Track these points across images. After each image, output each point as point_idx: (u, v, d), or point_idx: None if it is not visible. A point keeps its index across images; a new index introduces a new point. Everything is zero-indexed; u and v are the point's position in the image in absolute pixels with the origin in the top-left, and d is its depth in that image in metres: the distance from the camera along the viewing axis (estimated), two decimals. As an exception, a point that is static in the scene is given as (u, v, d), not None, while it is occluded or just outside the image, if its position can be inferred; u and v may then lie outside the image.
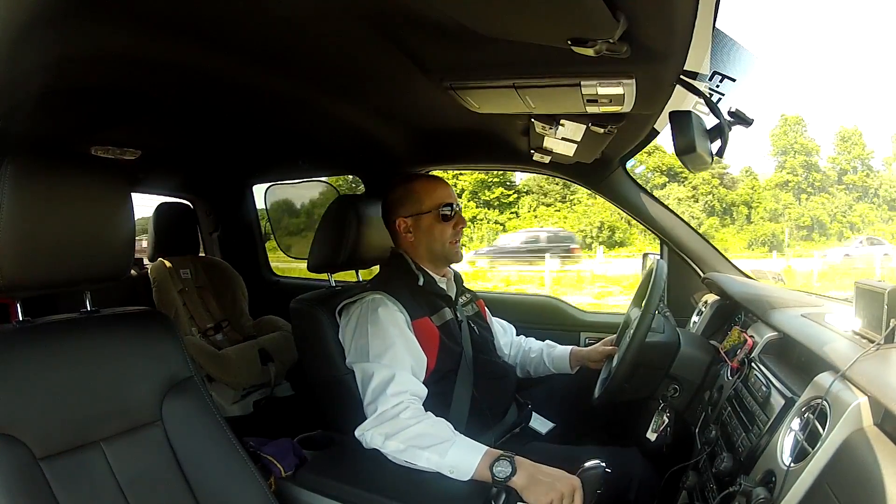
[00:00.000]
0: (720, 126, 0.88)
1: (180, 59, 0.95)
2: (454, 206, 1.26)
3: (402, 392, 1.04)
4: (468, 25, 0.73)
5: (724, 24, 0.74)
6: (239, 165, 2.26)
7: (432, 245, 1.26)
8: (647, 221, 1.64)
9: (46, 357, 0.78)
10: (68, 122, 1.32)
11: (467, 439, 0.99)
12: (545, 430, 1.34)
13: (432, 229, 1.25)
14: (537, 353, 1.50)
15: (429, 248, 1.26)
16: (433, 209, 1.25)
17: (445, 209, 1.25)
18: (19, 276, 0.74)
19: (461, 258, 1.30)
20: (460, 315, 1.29)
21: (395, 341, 1.10)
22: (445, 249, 1.26)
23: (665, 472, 1.07)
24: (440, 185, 1.29)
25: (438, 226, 1.25)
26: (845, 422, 0.64)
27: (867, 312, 0.81)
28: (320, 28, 0.85)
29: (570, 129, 1.15)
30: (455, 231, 1.26)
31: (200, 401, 0.91)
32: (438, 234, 1.25)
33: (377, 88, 1.18)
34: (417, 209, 1.26)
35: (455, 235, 1.26)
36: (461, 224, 1.27)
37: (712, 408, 1.06)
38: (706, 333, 1.40)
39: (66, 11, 0.69)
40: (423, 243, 1.26)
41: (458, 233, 1.27)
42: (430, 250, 1.26)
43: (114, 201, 0.84)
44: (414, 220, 1.26)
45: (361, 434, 1.03)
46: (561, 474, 0.91)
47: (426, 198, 1.26)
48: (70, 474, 0.75)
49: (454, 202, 1.27)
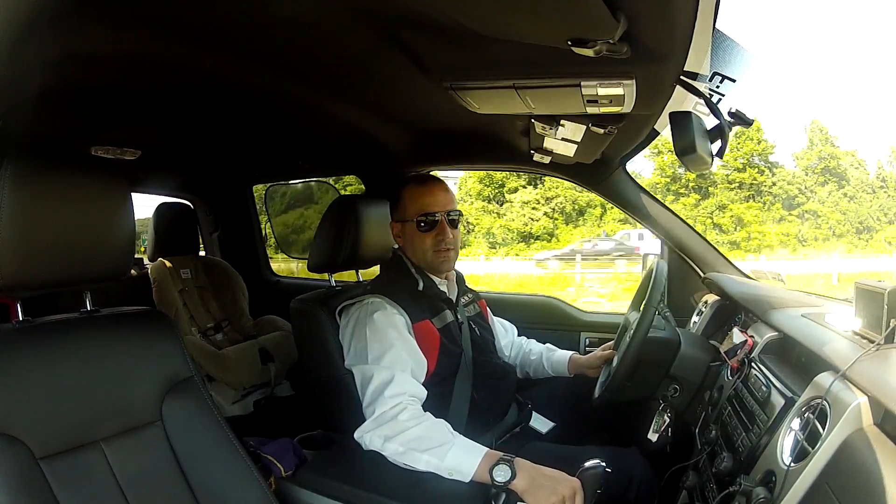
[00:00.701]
0: (720, 126, 0.88)
1: (181, 59, 0.95)
2: (437, 214, 1.21)
3: (400, 394, 1.04)
4: (468, 25, 0.73)
5: (725, 25, 0.74)
6: (239, 165, 2.26)
7: (415, 253, 1.24)
8: (648, 221, 1.64)
9: (46, 357, 0.78)
10: (68, 122, 1.32)
11: (466, 441, 0.99)
12: (545, 430, 1.34)
13: (413, 238, 1.23)
14: (537, 356, 1.50)
15: (413, 255, 1.25)
16: (413, 218, 1.22)
17: (423, 218, 1.20)
18: (19, 276, 0.74)
19: (449, 269, 1.26)
20: (461, 317, 1.29)
21: (395, 343, 1.09)
22: (427, 259, 1.23)
23: (665, 472, 1.07)
24: (425, 191, 1.23)
25: (418, 235, 1.22)
26: (845, 422, 0.64)
27: (867, 312, 0.81)
28: (320, 28, 0.85)
29: (570, 129, 1.15)
30: (437, 241, 1.21)
31: (200, 401, 0.90)
32: (419, 243, 1.22)
33: (377, 88, 1.18)
34: (402, 216, 1.25)
35: (437, 245, 1.21)
36: (441, 235, 1.21)
37: (712, 408, 1.06)
38: (706, 333, 1.40)
39: (66, 11, 0.69)
40: (408, 249, 1.26)
41: (440, 243, 1.21)
42: (414, 257, 1.25)
43: (114, 201, 0.84)
44: (401, 226, 1.26)
45: (361, 436, 1.03)
46: (562, 477, 0.91)
47: (409, 205, 1.23)
48: (70, 474, 0.74)
49: (438, 210, 1.21)
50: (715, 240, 11.65)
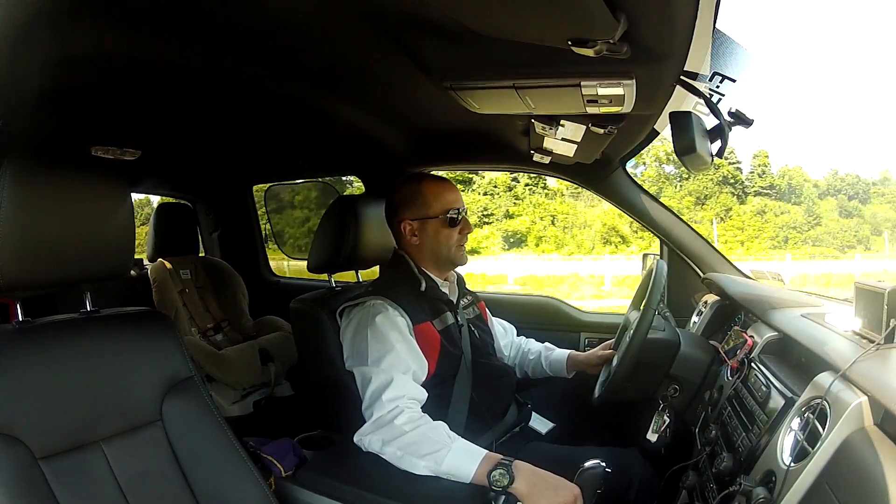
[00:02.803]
0: (720, 126, 0.88)
1: (181, 60, 0.95)
2: (461, 210, 1.26)
3: (398, 397, 1.03)
4: (468, 25, 0.73)
5: (725, 25, 0.74)
6: (239, 165, 2.26)
7: (438, 249, 1.25)
8: (648, 222, 1.64)
9: (46, 357, 0.78)
10: (68, 122, 1.32)
11: (464, 444, 0.98)
12: (545, 430, 1.34)
13: (439, 234, 1.24)
14: (535, 356, 1.50)
15: (434, 252, 1.25)
16: (441, 214, 1.23)
17: (453, 214, 1.24)
18: (19, 276, 0.74)
19: (466, 261, 1.30)
20: (461, 319, 1.28)
21: (395, 346, 1.09)
22: (452, 254, 1.26)
23: (665, 473, 1.07)
24: (448, 188, 1.27)
25: (445, 230, 1.24)
26: (845, 422, 0.64)
27: (867, 312, 0.81)
28: (320, 28, 0.85)
29: (570, 129, 1.15)
30: (461, 236, 1.26)
31: (200, 401, 0.90)
32: (445, 238, 1.24)
33: (377, 88, 1.18)
34: (425, 213, 1.24)
35: (461, 240, 1.26)
36: (467, 229, 1.26)
37: (712, 408, 1.06)
38: (706, 333, 1.40)
39: (66, 11, 0.69)
40: (428, 247, 1.25)
41: (464, 237, 1.27)
42: (435, 254, 1.26)
43: (114, 201, 0.84)
44: (420, 223, 1.25)
45: (360, 439, 1.03)
46: (562, 482, 0.90)
47: (434, 201, 1.24)
48: (70, 474, 0.74)
49: (461, 206, 1.26)
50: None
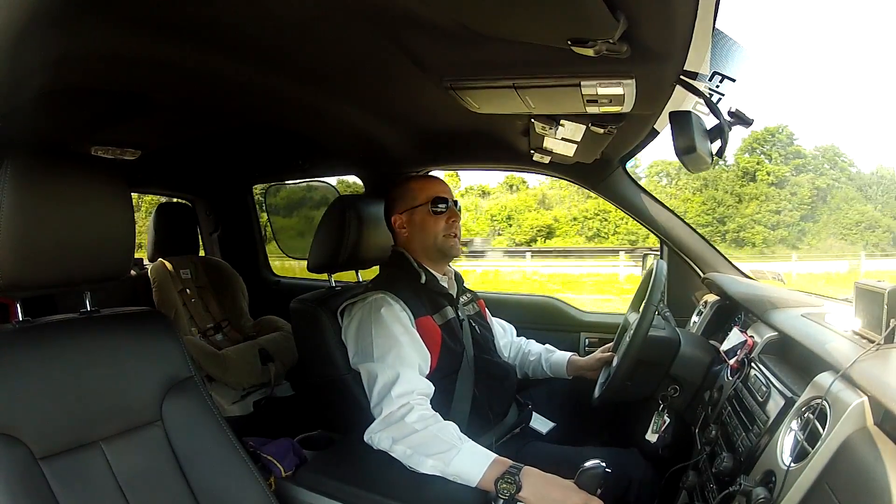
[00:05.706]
0: (720, 126, 0.88)
1: (180, 60, 0.95)
2: (448, 201, 1.27)
3: (407, 392, 1.03)
4: (468, 25, 0.73)
5: (725, 25, 0.74)
6: (239, 165, 2.27)
7: (426, 239, 1.26)
8: (648, 221, 1.64)
9: (46, 357, 0.78)
10: (68, 122, 1.32)
11: (474, 447, 0.98)
12: (546, 431, 1.34)
13: (425, 223, 1.26)
14: (536, 357, 1.50)
15: (422, 242, 1.27)
16: (425, 202, 1.26)
17: (438, 203, 1.26)
18: (19, 276, 0.74)
19: (459, 253, 1.31)
20: (462, 314, 1.29)
21: (400, 340, 1.09)
22: (439, 243, 1.26)
23: (665, 473, 1.07)
24: (434, 181, 1.31)
25: (430, 219, 1.26)
26: (845, 422, 0.64)
27: (867, 312, 0.81)
28: (320, 28, 0.85)
29: (570, 129, 1.15)
30: (448, 225, 1.27)
31: (200, 401, 0.90)
32: (431, 227, 1.26)
33: (377, 88, 1.18)
34: (411, 203, 1.27)
35: (448, 229, 1.27)
36: (454, 218, 1.28)
37: (712, 408, 1.06)
38: (706, 333, 1.39)
39: (65, 11, 0.69)
40: (416, 237, 1.27)
41: (452, 226, 1.27)
42: (423, 244, 1.27)
43: (114, 201, 0.84)
44: (408, 215, 1.28)
45: (370, 437, 1.03)
46: (571, 490, 0.90)
47: (419, 192, 1.27)
48: (70, 474, 0.74)
49: (448, 197, 1.28)
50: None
